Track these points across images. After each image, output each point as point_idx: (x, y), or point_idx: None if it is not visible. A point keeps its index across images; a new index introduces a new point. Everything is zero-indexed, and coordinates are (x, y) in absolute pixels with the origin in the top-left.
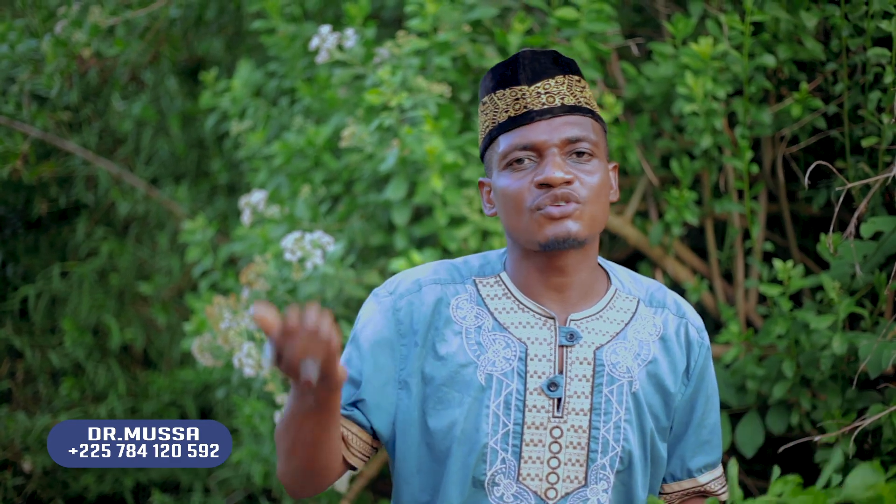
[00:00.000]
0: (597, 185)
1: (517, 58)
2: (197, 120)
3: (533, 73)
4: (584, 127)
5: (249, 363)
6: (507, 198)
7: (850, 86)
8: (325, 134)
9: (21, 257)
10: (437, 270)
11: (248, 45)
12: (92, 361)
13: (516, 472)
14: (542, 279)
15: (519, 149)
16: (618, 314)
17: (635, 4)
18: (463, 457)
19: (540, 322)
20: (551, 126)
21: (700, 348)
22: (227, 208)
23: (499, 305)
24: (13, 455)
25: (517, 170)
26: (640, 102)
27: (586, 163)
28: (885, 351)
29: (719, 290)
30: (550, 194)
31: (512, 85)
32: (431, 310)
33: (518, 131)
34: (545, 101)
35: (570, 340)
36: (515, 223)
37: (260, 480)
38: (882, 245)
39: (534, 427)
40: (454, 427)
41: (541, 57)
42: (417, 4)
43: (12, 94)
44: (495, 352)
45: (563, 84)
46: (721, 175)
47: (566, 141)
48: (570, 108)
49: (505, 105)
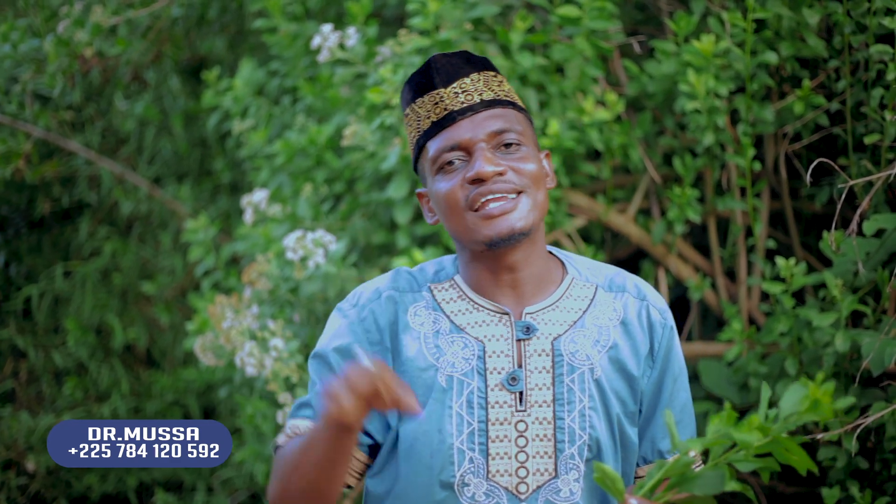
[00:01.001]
0: (532, 173)
1: (429, 63)
2: (199, 119)
3: (447, 75)
4: (507, 118)
5: (251, 362)
6: (442, 201)
7: (852, 83)
8: (327, 133)
9: (24, 257)
10: (395, 279)
11: (251, 44)
12: (95, 361)
13: (485, 470)
14: (494, 278)
15: (447, 150)
16: (574, 302)
17: (637, 2)
18: (426, 459)
19: (495, 319)
20: (474, 123)
21: (663, 329)
22: (230, 207)
23: (454, 308)
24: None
25: (448, 171)
26: (643, 100)
27: (516, 152)
28: (887, 348)
29: (722, 288)
30: (485, 189)
31: (429, 90)
32: (393, 317)
33: (443, 134)
34: (463, 99)
35: (527, 334)
36: (456, 226)
37: (263, 480)
38: (885, 242)
39: (498, 423)
40: (417, 429)
41: (452, 58)
42: (419, 3)
43: (15, 93)
44: (454, 353)
45: (479, 81)
46: (723, 172)
47: (492, 134)
48: (489, 103)
49: (426, 111)
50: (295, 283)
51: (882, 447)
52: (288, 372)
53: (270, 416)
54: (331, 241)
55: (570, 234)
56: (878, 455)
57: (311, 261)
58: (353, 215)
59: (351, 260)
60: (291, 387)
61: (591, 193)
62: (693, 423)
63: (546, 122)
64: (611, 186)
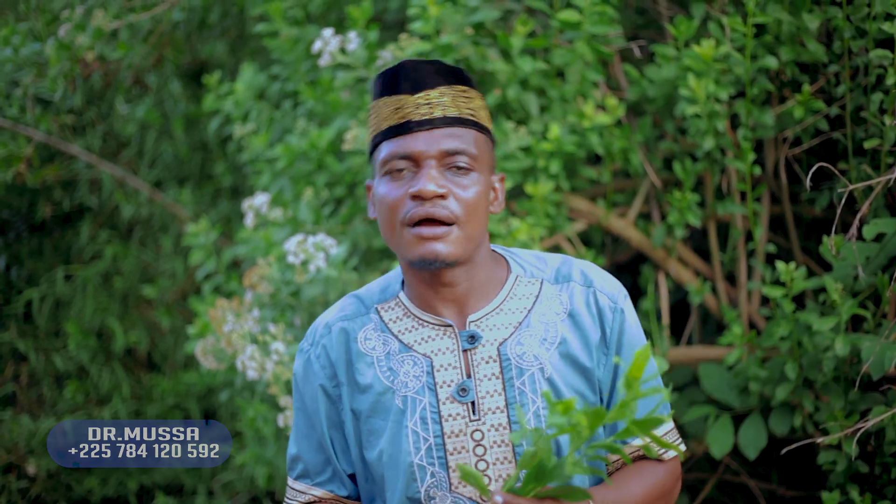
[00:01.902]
0: (471, 201)
1: (399, 67)
2: (200, 123)
3: (414, 84)
4: (464, 140)
5: (253, 366)
6: (383, 206)
7: (852, 87)
8: (328, 137)
9: (25, 261)
10: (343, 308)
11: (252, 49)
12: (96, 364)
13: (447, 482)
14: (433, 292)
15: (397, 157)
16: (519, 302)
17: (637, 7)
18: (394, 480)
19: (440, 332)
20: (431, 137)
21: (613, 313)
22: (231, 211)
23: (401, 327)
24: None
25: (395, 178)
26: (643, 104)
27: (463, 177)
28: (887, 352)
29: (722, 292)
30: (422, 211)
31: (394, 93)
32: (344, 347)
33: (397, 140)
34: (424, 112)
35: (472, 343)
36: (389, 235)
37: (264, 483)
38: (885, 247)
39: (454, 436)
40: (382, 454)
41: (424, 67)
42: (420, 7)
43: (16, 97)
44: (405, 373)
45: (447, 95)
46: (724, 177)
47: (444, 153)
48: (451, 120)
49: (387, 113)
50: (296, 286)
51: (882, 451)
52: (289, 375)
53: (271, 420)
54: (332, 245)
55: (570, 237)
56: (877, 459)
57: (312, 264)
58: (353, 219)
59: (352, 264)
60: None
61: (591, 197)
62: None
63: (547, 127)
64: (611, 190)
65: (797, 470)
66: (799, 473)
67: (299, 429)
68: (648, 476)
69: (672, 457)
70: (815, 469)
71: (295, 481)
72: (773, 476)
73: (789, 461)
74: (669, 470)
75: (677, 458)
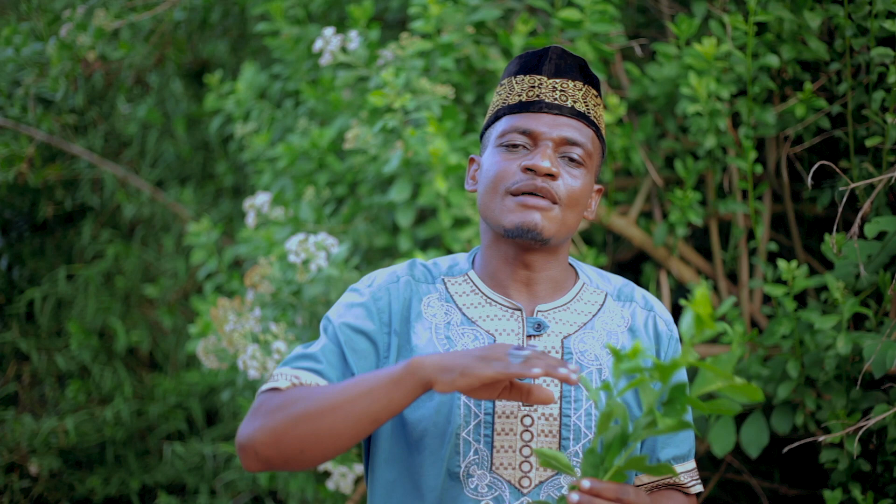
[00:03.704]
0: (577, 191)
1: (547, 50)
2: (202, 122)
3: (556, 69)
4: (584, 134)
5: (254, 365)
6: (490, 173)
7: (853, 85)
8: (330, 136)
9: (27, 260)
10: (411, 268)
11: (253, 48)
12: (98, 364)
13: (489, 461)
14: (510, 271)
15: (519, 132)
16: (585, 306)
17: (639, 5)
18: (435, 448)
19: (507, 314)
20: (556, 122)
21: (669, 340)
22: (232, 210)
23: (467, 301)
24: (20, 458)
25: (510, 151)
26: (644, 103)
27: (575, 168)
28: (889, 351)
29: (724, 291)
30: (531, 184)
31: (533, 73)
32: (408, 302)
33: (523, 116)
34: (558, 97)
35: (538, 330)
36: (489, 201)
37: (266, 482)
38: (886, 245)
39: (504, 416)
40: (426, 419)
41: (569, 58)
42: (421, 6)
43: (18, 97)
44: (464, 345)
45: (581, 91)
46: (725, 175)
47: (564, 140)
48: (578, 114)
49: (520, 89)
50: (297, 286)
51: (884, 449)
52: None
53: None
54: (333, 244)
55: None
56: (879, 457)
57: (313, 264)
58: (355, 218)
59: (353, 263)
60: None
61: None
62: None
63: None
64: (613, 189)
65: (799, 468)
66: (801, 472)
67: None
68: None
69: (695, 492)
70: (817, 467)
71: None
72: (776, 474)
73: (791, 460)
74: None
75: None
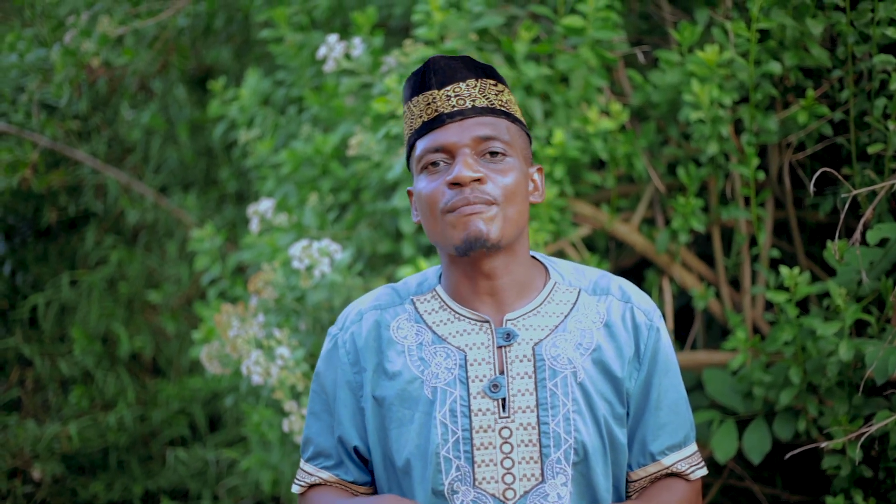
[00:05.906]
0: (510, 185)
1: (428, 64)
2: (205, 128)
3: (443, 78)
4: (496, 127)
5: (258, 371)
6: (423, 201)
7: (856, 92)
8: (333, 142)
9: (30, 266)
10: (378, 297)
11: (257, 54)
12: (101, 369)
13: (472, 477)
14: (472, 285)
15: (431, 151)
16: (557, 307)
17: (642, 12)
18: (421, 470)
19: (476, 327)
20: (462, 127)
21: (649, 331)
22: (236, 216)
23: (436, 319)
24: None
25: (432, 172)
26: (647, 110)
27: (499, 162)
28: (891, 357)
29: (726, 297)
30: (462, 198)
31: (424, 91)
32: (373, 335)
33: (431, 135)
34: (455, 103)
35: (508, 340)
36: (431, 226)
37: (268, 488)
38: (888, 252)
39: (482, 430)
40: (409, 443)
41: (451, 62)
42: (424, 13)
43: (22, 103)
44: (437, 364)
45: (475, 87)
46: (727, 182)
47: (477, 140)
48: (481, 110)
49: (419, 111)
50: (301, 291)
51: (886, 456)
52: (294, 380)
53: (276, 425)
54: (336, 250)
55: (574, 243)
56: (882, 464)
57: (316, 270)
58: (358, 224)
59: (356, 269)
60: (297, 395)
61: (595, 203)
62: (686, 422)
63: (551, 132)
64: (615, 196)
65: (801, 474)
66: (803, 478)
67: (314, 412)
68: (676, 491)
69: (698, 476)
70: (820, 474)
71: (306, 463)
72: (778, 480)
73: (793, 466)
74: (695, 489)
75: (700, 479)
